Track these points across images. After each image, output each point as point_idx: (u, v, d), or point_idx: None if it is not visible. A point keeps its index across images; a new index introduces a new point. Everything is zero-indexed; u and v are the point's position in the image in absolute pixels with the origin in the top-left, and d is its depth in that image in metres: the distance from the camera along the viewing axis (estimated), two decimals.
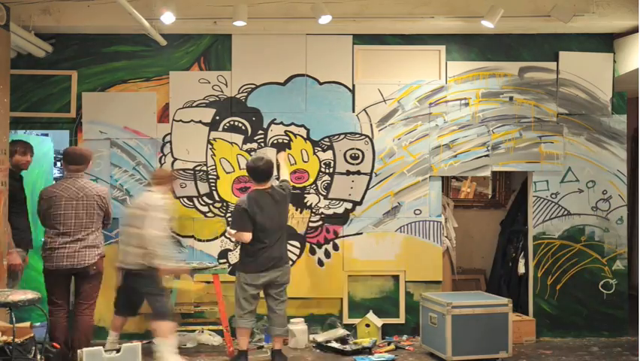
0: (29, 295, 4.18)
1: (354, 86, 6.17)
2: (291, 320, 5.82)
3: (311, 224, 6.15)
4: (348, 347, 5.57)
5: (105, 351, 4.53)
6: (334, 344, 5.62)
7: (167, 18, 5.54)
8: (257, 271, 5.11)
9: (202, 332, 5.92)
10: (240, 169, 6.13)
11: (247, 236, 5.09)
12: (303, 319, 5.91)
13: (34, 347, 4.31)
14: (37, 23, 5.80)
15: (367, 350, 5.52)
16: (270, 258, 5.13)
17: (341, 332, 5.85)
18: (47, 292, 5.00)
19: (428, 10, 5.87)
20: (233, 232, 5.21)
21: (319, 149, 6.17)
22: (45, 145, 6.88)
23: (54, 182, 7.10)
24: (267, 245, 5.12)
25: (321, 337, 5.76)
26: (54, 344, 4.71)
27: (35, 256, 6.65)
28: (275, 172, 5.52)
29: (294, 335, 5.75)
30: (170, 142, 6.13)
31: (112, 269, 6.15)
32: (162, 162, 6.13)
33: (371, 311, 6.05)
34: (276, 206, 5.21)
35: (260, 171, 5.22)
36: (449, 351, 5.20)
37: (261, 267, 5.11)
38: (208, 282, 5.92)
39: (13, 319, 4.14)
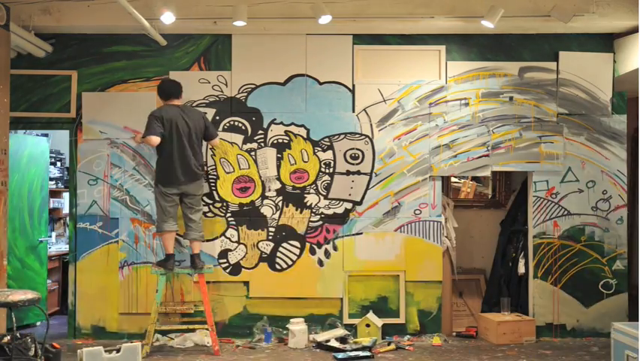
0: (29, 295, 4.18)
1: (354, 86, 6.17)
2: (291, 320, 5.82)
3: (311, 224, 6.14)
4: (348, 347, 5.57)
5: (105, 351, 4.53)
6: (334, 344, 5.62)
7: (167, 18, 5.55)
8: (171, 184, 5.54)
9: (194, 331, 5.89)
10: (240, 169, 6.13)
11: (155, 140, 5.47)
12: (303, 319, 5.90)
13: (33, 346, 4.31)
14: (37, 23, 5.80)
15: (367, 350, 5.52)
16: (182, 172, 5.52)
17: (341, 331, 5.85)
18: None
19: (428, 10, 5.88)
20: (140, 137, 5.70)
21: (319, 149, 6.17)
22: (41, 145, 6.92)
23: (49, 182, 7.12)
24: (177, 159, 5.49)
25: (321, 337, 5.76)
26: (54, 344, 4.70)
27: (32, 256, 6.67)
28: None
29: (294, 334, 5.75)
30: None
31: (114, 268, 6.17)
32: None
33: (371, 311, 6.05)
34: (187, 122, 5.55)
35: (163, 88, 5.70)
36: None
37: (175, 180, 5.52)
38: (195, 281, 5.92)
39: (13, 319, 4.14)
